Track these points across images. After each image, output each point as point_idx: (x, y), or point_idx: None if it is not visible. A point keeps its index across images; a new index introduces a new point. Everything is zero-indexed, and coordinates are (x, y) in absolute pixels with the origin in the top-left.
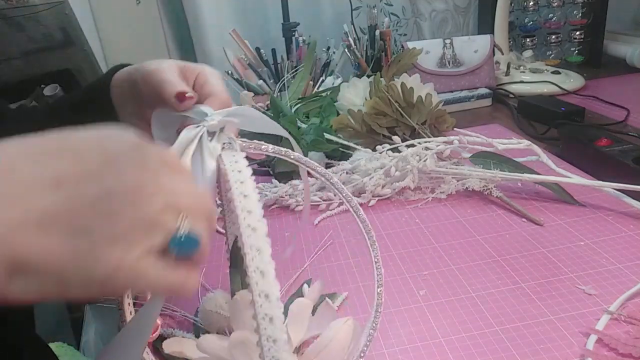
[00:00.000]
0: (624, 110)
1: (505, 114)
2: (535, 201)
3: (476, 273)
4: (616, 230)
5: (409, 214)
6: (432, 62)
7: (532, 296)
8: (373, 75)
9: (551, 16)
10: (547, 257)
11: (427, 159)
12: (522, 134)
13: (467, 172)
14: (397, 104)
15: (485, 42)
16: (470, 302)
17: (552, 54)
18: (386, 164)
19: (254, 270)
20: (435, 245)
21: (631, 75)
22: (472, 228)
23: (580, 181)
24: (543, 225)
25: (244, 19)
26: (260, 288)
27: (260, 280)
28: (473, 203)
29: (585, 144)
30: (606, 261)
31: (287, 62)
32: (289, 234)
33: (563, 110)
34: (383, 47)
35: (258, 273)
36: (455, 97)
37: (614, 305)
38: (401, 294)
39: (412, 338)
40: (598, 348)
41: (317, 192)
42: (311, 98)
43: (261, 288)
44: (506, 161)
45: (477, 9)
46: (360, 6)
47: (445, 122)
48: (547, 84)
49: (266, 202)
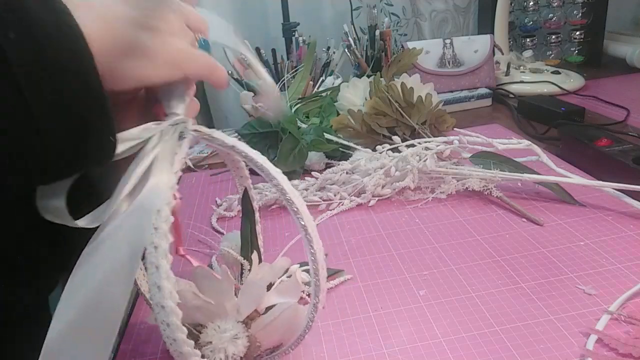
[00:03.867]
0: (624, 110)
1: (505, 114)
2: (535, 201)
3: (476, 273)
4: (616, 230)
5: (409, 214)
6: (432, 62)
7: (532, 296)
8: (373, 75)
9: (551, 16)
10: (547, 257)
11: (427, 159)
12: (522, 134)
13: (467, 172)
14: (397, 104)
15: (485, 42)
16: (470, 302)
17: (552, 54)
18: (386, 164)
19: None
20: (435, 245)
21: (631, 75)
22: (472, 228)
23: (580, 181)
24: (543, 225)
25: (244, 19)
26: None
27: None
28: (473, 203)
29: (585, 144)
30: (606, 261)
31: (287, 62)
32: (289, 234)
33: (563, 110)
34: (383, 47)
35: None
36: (455, 97)
37: (614, 305)
38: (401, 294)
39: (412, 338)
40: (598, 348)
41: (317, 192)
42: (311, 98)
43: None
44: (506, 161)
45: (477, 9)
46: (361, 6)
47: (445, 122)
48: (547, 84)
49: (266, 202)
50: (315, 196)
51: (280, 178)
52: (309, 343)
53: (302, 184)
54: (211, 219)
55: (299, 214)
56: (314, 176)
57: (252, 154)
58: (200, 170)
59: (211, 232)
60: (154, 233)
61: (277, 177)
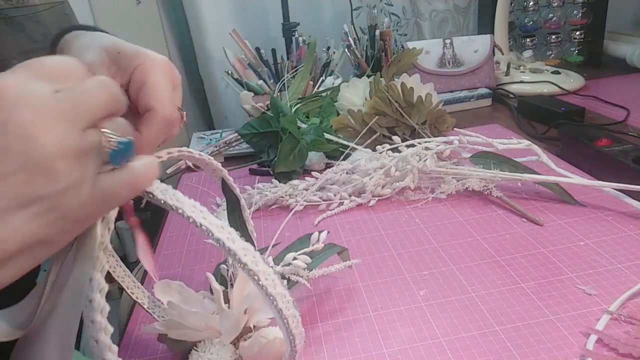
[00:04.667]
0: (624, 110)
1: (505, 114)
2: (535, 201)
3: (476, 273)
4: (616, 230)
5: (409, 214)
6: (432, 62)
7: (532, 296)
8: (373, 75)
9: (551, 16)
10: (547, 257)
11: (427, 159)
12: (522, 134)
13: (467, 172)
14: (397, 104)
15: (485, 42)
16: (470, 302)
17: (552, 54)
18: (386, 164)
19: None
20: (435, 245)
21: (631, 75)
22: (472, 228)
23: (580, 181)
24: (543, 225)
25: (244, 19)
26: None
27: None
28: (473, 203)
29: (585, 144)
30: (606, 261)
31: (287, 62)
32: (289, 233)
33: (563, 110)
34: (383, 47)
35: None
36: (455, 97)
37: (614, 305)
38: (401, 294)
39: (412, 338)
40: (598, 348)
41: (317, 192)
42: (311, 98)
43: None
44: (506, 161)
45: (477, 9)
46: (361, 6)
47: (445, 122)
48: (547, 84)
49: (266, 202)
50: (315, 196)
51: (225, 237)
52: (309, 343)
53: (302, 184)
54: None
55: (255, 275)
56: (314, 176)
57: (190, 213)
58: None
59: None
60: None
61: (221, 237)
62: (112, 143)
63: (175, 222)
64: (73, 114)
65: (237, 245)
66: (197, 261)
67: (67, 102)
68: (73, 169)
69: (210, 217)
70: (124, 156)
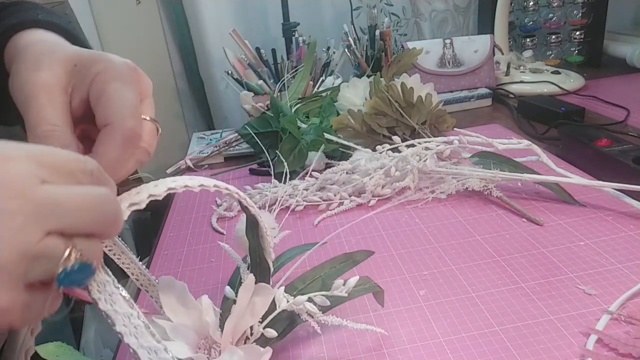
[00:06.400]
0: (624, 110)
1: (505, 114)
2: (535, 201)
3: (476, 273)
4: (616, 230)
5: (409, 214)
6: (432, 62)
7: (532, 296)
8: (373, 75)
9: (551, 16)
10: (547, 257)
11: (427, 159)
12: (522, 134)
13: (467, 172)
14: (397, 104)
15: (485, 42)
16: (470, 302)
17: (552, 54)
18: (386, 164)
19: None
20: (435, 245)
21: (631, 75)
22: (472, 228)
23: (580, 181)
24: (543, 225)
25: (244, 19)
26: None
27: None
28: (473, 203)
29: (585, 144)
30: (606, 261)
31: (287, 62)
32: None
33: (563, 110)
34: (383, 47)
35: None
36: (455, 97)
37: (614, 305)
38: (401, 294)
39: (412, 338)
40: (598, 348)
41: (317, 192)
42: (311, 98)
43: None
44: (506, 161)
45: (477, 9)
46: (360, 6)
47: (445, 122)
48: (547, 84)
49: (266, 202)
50: (315, 196)
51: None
52: (309, 343)
53: (302, 184)
54: (211, 219)
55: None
56: (314, 176)
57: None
58: (200, 170)
59: (212, 232)
60: None
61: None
62: (69, 261)
63: (175, 222)
64: (47, 210)
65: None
66: (197, 261)
67: (49, 199)
68: (9, 264)
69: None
70: (74, 281)
